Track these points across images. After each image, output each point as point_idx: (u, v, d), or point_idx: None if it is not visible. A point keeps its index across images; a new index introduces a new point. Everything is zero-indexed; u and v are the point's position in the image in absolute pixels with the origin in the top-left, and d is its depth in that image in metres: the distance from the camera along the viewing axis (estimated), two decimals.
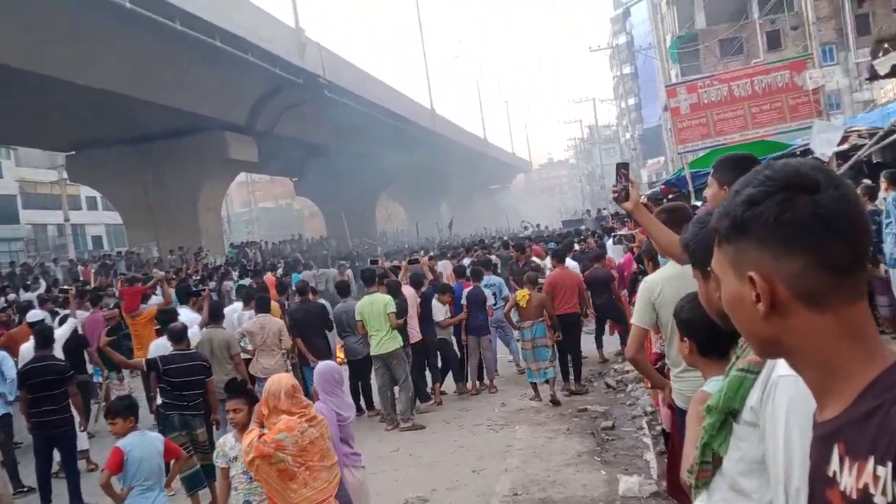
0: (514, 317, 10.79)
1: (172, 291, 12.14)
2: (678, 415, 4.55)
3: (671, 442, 5.31)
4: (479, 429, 9.45)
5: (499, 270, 14.77)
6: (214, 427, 7.97)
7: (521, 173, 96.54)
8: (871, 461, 1.07)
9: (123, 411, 5.55)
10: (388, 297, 9.94)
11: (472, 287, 11.55)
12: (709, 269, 2.00)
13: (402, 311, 10.00)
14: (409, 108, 47.15)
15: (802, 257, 1.17)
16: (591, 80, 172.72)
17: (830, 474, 1.16)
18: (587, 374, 11.50)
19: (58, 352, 9.24)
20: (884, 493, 1.04)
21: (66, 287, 13.01)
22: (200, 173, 32.92)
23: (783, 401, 1.65)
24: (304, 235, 50.03)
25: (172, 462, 5.79)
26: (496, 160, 73.93)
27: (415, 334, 10.53)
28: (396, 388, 10.06)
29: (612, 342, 12.85)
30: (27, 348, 9.16)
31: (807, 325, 1.20)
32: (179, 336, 7.83)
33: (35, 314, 11.68)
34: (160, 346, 8.51)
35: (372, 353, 10.01)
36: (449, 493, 7.34)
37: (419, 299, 10.88)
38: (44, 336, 8.58)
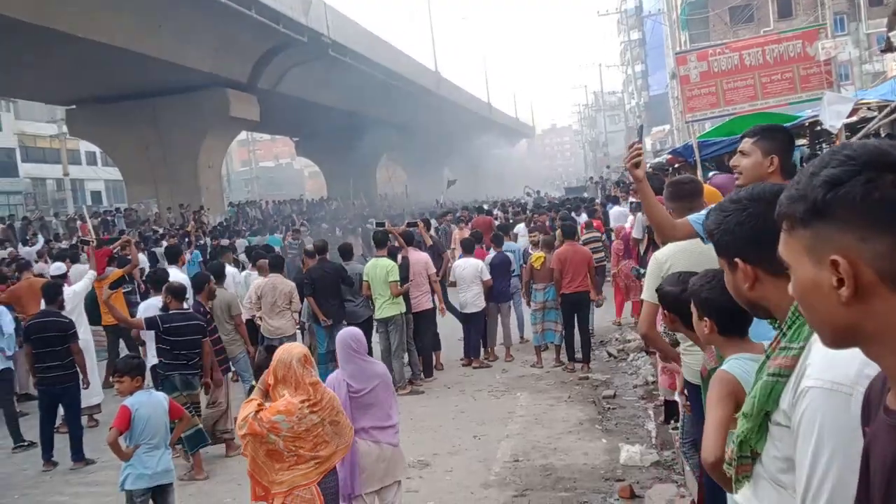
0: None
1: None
2: (688, 389, 4.52)
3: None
4: (480, 394, 9.46)
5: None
6: (205, 388, 7.87)
7: (524, 138, 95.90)
8: None
9: (131, 370, 5.51)
10: (391, 263, 9.88)
11: (497, 253, 11.51)
12: (735, 260, 1.95)
13: (402, 277, 9.95)
14: (413, 70, 46.68)
15: (891, 237, 1.13)
16: (598, 46, 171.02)
17: None
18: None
19: (80, 307, 9.25)
20: None
21: (86, 239, 12.85)
22: (201, 130, 32.66)
23: (814, 414, 1.58)
24: (304, 196, 49.85)
25: (176, 422, 5.75)
26: (499, 125, 73.42)
27: (423, 302, 10.38)
28: None
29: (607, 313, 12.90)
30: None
31: (892, 309, 1.15)
32: (180, 294, 7.77)
33: (58, 267, 11.59)
34: (151, 307, 8.45)
35: (375, 317, 10.00)
36: (450, 457, 7.34)
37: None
38: (51, 292, 8.56)
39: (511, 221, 18.21)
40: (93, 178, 55.27)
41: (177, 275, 9.63)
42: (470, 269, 10.82)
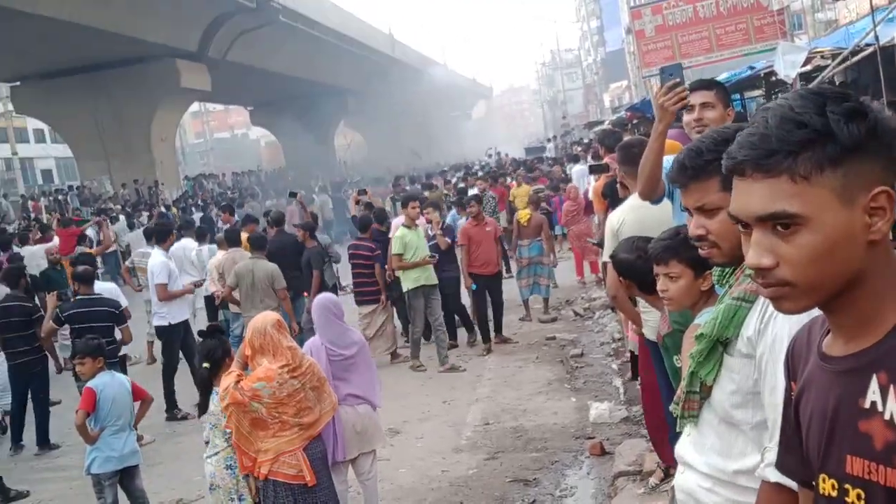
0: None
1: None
2: (649, 347, 4.54)
3: (641, 378, 5.29)
4: (448, 360, 9.38)
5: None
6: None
7: (482, 99, 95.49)
8: None
9: (92, 351, 5.39)
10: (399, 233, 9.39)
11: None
12: None
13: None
14: (368, 35, 45.94)
15: None
16: (554, 3, 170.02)
17: (867, 406, 1.12)
18: (555, 302, 11.54)
19: None
20: None
21: (39, 218, 12.76)
22: (152, 103, 31.91)
23: (785, 332, 1.61)
24: (261, 166, 49.22)
25: (139, 404, 5.64)
26: (457, 87, 72.94)
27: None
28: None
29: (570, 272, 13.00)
30: None
31: (889, 248, 1.15)
32: (85, 279, 7.56)
33: None
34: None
35: None
36: (420, 423, 7.34)
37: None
38: (12, 275, 8.38)
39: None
40: (43, 157, 53.79)
41: (158, 256, 9.16)
42: None
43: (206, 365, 4.57)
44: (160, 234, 9.55)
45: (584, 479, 5.78)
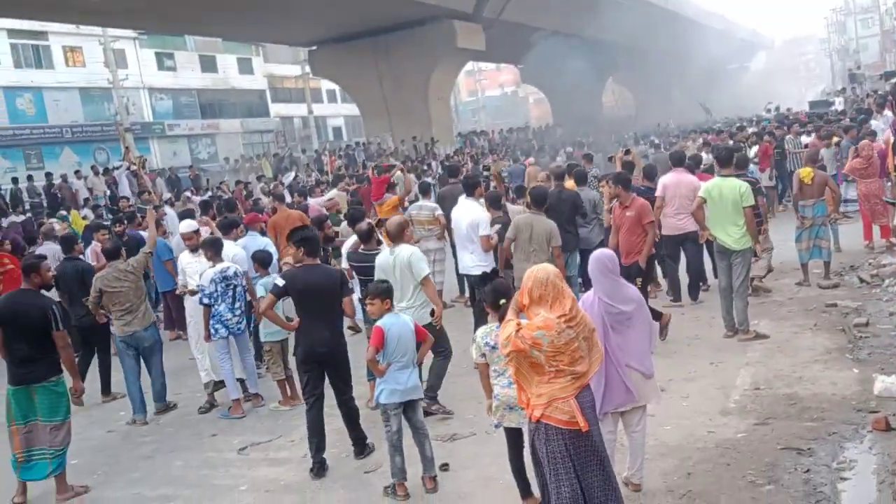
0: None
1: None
2: None
3: None
4: (715, 321, 9.11)
5: None
6: None
7: (762, 51, 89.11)
8: None
9: (381, 293, 5.92)
10: (744, 186, 8.47)
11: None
12: None
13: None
14: None
15: None
16: None
17: None
18: (837, 266, 10.77)
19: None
20: None
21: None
22: (430, 63, 33.56)
23: None
24: (530, 123, 49.95)
25: (420, 344, 6.09)
26: (735, 38, 68.67)
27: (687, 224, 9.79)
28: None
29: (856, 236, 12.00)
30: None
31: None
32: (364, 237, 7.94)
33: (189, 224, 9.50)
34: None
35: (725, 247, 8.58)
36: (686, 383, 7.27)
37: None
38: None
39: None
40: (334, 115, 58.78)
41: (469, 204, 9.50)
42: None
43: (502, 301, 4.92)
44: (469, 187, 9.77)
45: (865, 454, 5.47)
